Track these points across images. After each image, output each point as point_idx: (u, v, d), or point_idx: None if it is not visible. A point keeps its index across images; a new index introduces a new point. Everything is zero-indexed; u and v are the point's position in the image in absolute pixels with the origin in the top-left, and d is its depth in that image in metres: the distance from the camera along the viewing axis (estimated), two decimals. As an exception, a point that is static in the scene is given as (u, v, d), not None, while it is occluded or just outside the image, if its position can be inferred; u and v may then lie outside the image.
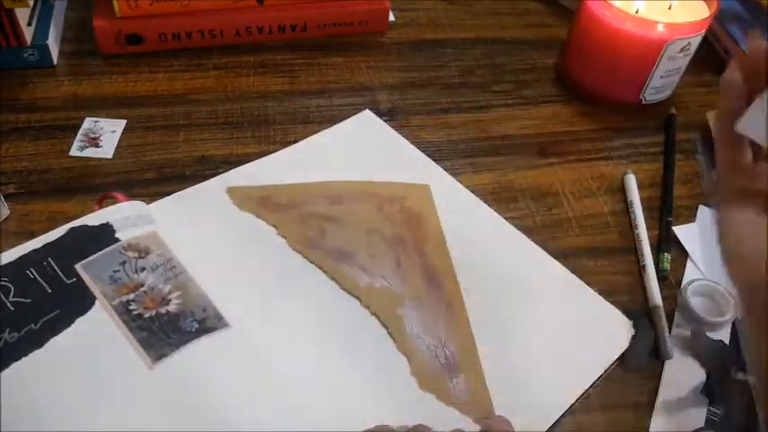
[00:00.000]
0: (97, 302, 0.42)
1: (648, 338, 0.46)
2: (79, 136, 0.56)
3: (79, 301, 0.42)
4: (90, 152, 0.54)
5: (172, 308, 0.41)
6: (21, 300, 0.42)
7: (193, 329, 0.42)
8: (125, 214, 0.46)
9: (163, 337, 0.41)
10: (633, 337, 0.46)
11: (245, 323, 0.43)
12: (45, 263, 0.43)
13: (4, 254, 0.44)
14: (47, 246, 0.44)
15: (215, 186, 0.52)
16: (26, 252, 0.44)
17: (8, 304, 0.41)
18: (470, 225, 0.52)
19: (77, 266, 0.44)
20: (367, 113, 0.60)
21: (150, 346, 0.41)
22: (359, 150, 0.56)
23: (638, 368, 0.45)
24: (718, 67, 0.71)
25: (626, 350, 0.45)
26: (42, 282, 0.43)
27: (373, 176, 0.54)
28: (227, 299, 0.44)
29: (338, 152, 0.56)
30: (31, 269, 0.43)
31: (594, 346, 0.45)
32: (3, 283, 0.42)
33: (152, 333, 0.41)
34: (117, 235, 0.45)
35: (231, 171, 0.53)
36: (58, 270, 0.43)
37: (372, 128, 0.59)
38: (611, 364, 0.45)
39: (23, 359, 0.39)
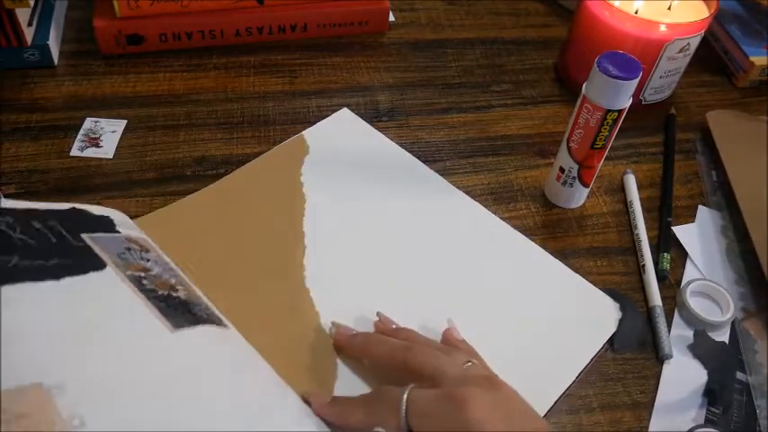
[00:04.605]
0: (109, 267, 0.38)
1: (636, 320, 0.47)
2: (80, 136, 0.56)
3: (92, 258, 0.38)
4: (90, 152, 0.54)
5: (181, 295, 0.40)
6: (27, 239, 0.36)
7: (205, 316, 0.40)
8: (120, 217, 0.46)
9: (180, 313, 0.38)
10: (620, 320, 0.46)
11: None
12: (50, 223, 0.39)
13: (5, 201, 0.39)
14: (50, 211, 0.40)
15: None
16: (31, 207, 0.39)
17: (14, 238, 0.36)
18: (456, 223, 0.52)
19: (84, 236, 0.40)
20: (345, 112, 0.60)
21: (168, 315, 0.37)
22: (340, 150, 0.55)
23: (628, 350, 0.46)
24: (717, 68, 0.71)
25: (614, 333, 0.46)
26: (50, 234, 0.38)
27: (359, 176, 0.54)
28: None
29: (319, 153, 0.55)
30: (37, 222, 0.38)
31: (582, 330, 0.46)
32: (5, 219, 0.37)
33: (169, 306, 0.38)
34: (117, 229, 0.44)
35: (222, 179, 0.53)
36: (64, 232, 0.39)
37: (352, 126, 0.59)
38: (601, 349, 0.45)
39: (39, 283, 0.34)
